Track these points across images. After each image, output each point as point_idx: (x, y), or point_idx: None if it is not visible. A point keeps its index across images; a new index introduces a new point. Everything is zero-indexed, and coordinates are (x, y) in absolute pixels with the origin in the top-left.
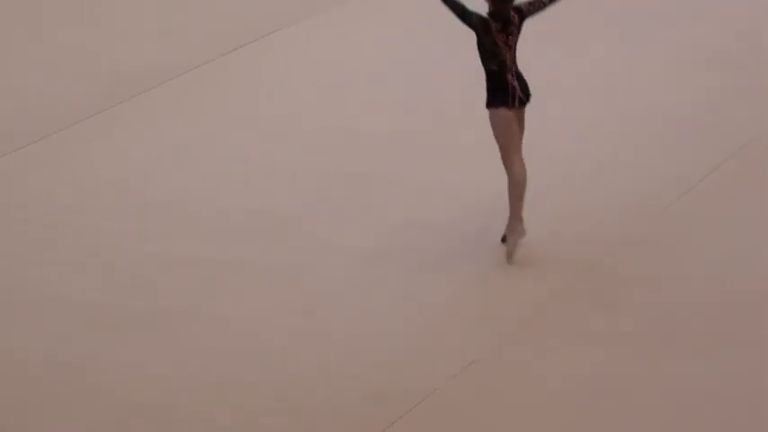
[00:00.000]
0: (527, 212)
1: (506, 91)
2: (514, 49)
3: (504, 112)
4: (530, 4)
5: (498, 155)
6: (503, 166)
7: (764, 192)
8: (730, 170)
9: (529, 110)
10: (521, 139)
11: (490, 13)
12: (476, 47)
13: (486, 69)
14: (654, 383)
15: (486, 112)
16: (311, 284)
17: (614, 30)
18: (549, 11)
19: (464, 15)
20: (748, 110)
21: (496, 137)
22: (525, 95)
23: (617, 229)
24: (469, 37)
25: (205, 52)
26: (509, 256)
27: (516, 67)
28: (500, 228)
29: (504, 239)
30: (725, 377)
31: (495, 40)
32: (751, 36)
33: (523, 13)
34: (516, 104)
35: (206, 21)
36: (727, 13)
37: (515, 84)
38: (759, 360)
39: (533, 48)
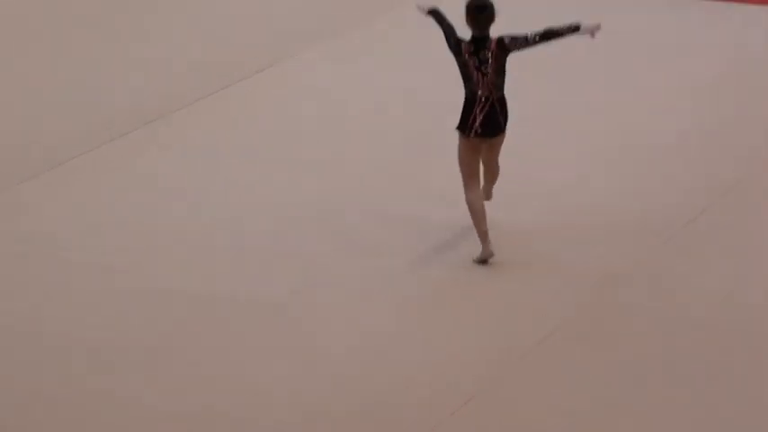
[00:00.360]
0: (525, 243)
1: (467, 120)
2: (492, 80)
3: (463, 139)
4: (513, 38)
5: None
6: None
7: (763, 223)
8: (729, 201)
9: (527, 140)
10: (491, 159)
11: (471, 37)
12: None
13: (465, 92)
14: (655, 414)
15: None
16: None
17: (609, 61)
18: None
19: (447, 36)
20: (745, 141)
21: (458, 161)
22: (490, 130)
23: (616, 259)
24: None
25: (199, 88)
26: (478, 260)
27: (496, 95)
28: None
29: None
30: (726, 408)
31: (466, 62)
32: (744, 67)
33: (505, 45)
34: (471, 135)
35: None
36: (719, 46)
37: (479, 116)
38: (759, 391)
39: (529, 78)
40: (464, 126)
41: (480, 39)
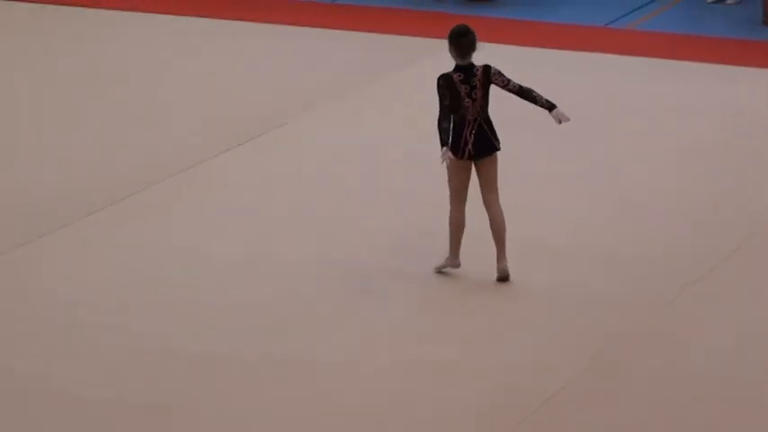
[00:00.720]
0: (526, 303)
1: (458, 143)
2: (480, 103)
3: (453, 161)
4: (499, 73)
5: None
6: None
7: (765, 286)
8: (731, 265)
9: (528, 202)
10: (488, 188)
11: (455, 67)
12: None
13: (453, 118)
14: None
15: None
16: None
17: (611, 123)
18: (556, 100)
19: (441, 98)
20: (747, 204)
21: (448, 182)
22: (482, 149)
23: (617, 322)
24: None
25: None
26: (438, 269)
27: (483, 117)
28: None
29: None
30: None
31: (458, 89)
32: (747, 129)
33: (491, 74)
34: (464, 157)
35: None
36: (722, 108)
37: (470, 138)
38: None
39: (531, 138)
40: (456, 149)
41: (466, 67)
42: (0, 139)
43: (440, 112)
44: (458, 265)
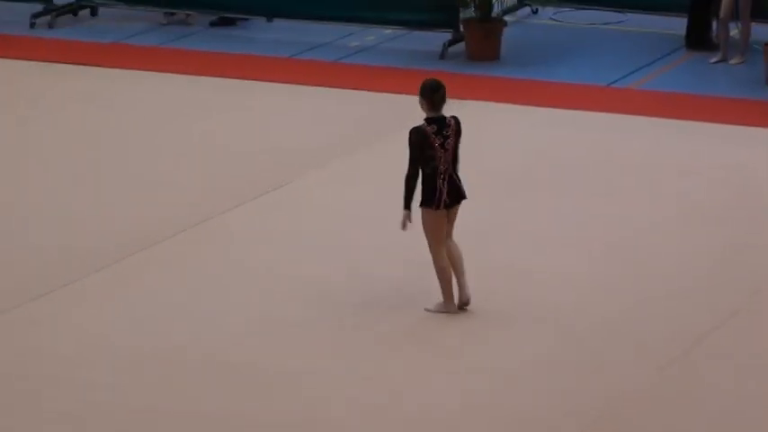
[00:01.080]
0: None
1: (434, 194)
2: (451, 154)
3: (431, 212)
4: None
5: None
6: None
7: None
8: (734, 325)
9: (533, 264)
10: (449, 231)
11: (426, 119)
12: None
13: (422, 173)
14: None
15: None
16: None
17: (610, 181)
18: (559, 159)
19: (413, 160)
20: (750, 264)
21: (425, 232)
22: (455, 198)
23: (621, 381)
24: None
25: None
26: (431, 309)
27: (453, 167)
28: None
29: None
30: None
31: (432, 142)
32: (749, 189)
33: (460, 126)
34: (440, 207)
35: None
36: (723, 167)
37: (444, 188)
38: None
39: (537, 198)
40: (431, 201)
41: (438, 119)
42: (3, 196)
43: (410, 167)
44: (456, 310)
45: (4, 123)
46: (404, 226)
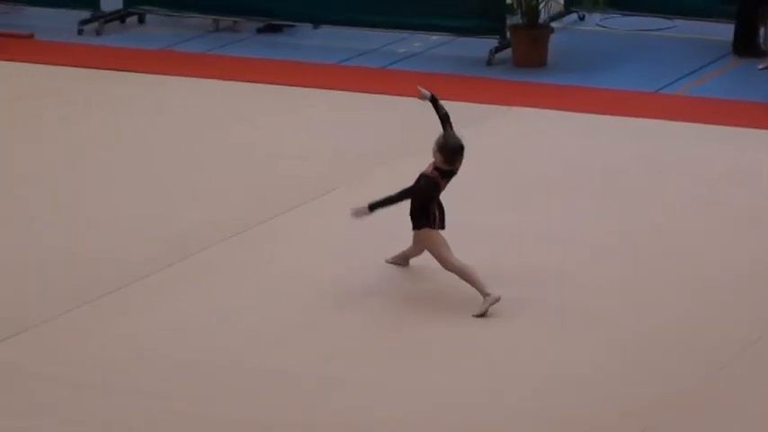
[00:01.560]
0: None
1: (434, 219)
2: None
3: (434, 232)
4: None
5: None
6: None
7: None
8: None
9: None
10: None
11: (438, 169)
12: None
13: (420, 203)
14: None
15: None
16: None
17: (658, 189)
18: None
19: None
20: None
21: (430, 250)
22: (444, 218)
23: (667, 387)
24: None
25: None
26: (480, 312)
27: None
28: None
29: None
30: None
31: (438, 193)
32: None
33: None
34: (436, 227)
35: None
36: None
37: (436, 212)
38: None
39: (583, 204)
40: (434, 224)
41: (449, 173)
42: (52, 203)
43: (399, 199)
44: (498, 298)
45: (53, 130)
46: (356, 214)
